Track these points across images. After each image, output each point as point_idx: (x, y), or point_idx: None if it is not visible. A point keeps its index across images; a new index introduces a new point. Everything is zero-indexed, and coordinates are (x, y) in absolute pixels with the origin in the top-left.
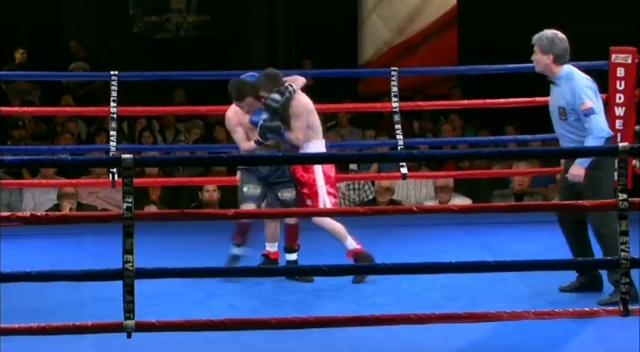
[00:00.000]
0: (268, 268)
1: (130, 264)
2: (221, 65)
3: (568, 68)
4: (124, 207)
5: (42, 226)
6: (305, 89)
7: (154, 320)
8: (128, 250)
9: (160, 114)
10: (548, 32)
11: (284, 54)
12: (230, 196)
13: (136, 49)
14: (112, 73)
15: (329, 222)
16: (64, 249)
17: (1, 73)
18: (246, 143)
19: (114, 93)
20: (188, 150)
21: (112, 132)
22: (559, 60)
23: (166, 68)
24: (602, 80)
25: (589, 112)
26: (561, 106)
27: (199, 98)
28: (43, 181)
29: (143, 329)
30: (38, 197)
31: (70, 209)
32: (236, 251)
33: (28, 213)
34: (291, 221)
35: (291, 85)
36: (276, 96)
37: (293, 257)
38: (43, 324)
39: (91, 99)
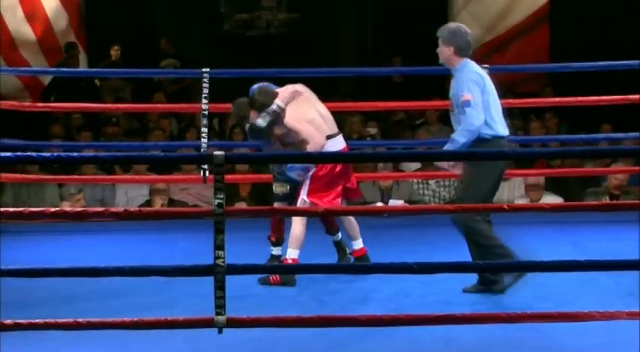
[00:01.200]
0: (369, 265)
1: (222, 260)
2: (311, 62)
3: (465, 61)
4: (216, 204)
5: (134, 222)
6: (394, 86)
7: (244, 316)
8: (219, 246)
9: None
10: (452, 24)
11: (373, 51)
12: None
13: (227, 46)
14: (203, 70)
15: (296, 224)
16: (155, 245)
17: (97, 70)
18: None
19: (205, 90)
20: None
21: (203, 129)
22: (460, 52)
23: (256, 65)
24: None
25: (465, 105)
26: (450, 98)
27: None
28: (136, 177)
29: (234, 324)
30: (130, 193)
31: (162, 205)
32: (275, 251)
33: (121, 209)
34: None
35: (278, 104)
36: (260, 121)
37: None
38: (136, 319)
39: (182, 96)
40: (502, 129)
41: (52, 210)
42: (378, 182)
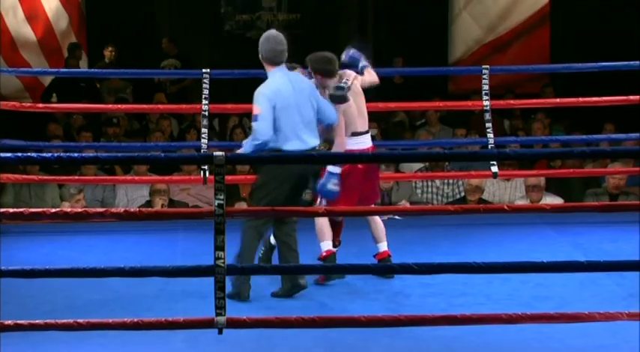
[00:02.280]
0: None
1: (222, 261)
2: None
3: (274, 72)
4: (216, 204)
5: (134, 222)
6: (395, 87)
7: (245, 317)
8: (220, 247)
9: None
10: (266, 32)
11: (374, 52)
12: None
13: (227, 46)
14: (203, 70)
15: (319, 222)
16: (155, 245)
17: (96, 70)
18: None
19: (206, 91)
20: None
21: (204, 130)
22: (268, 60)
23: (257, 66)
24: None
25: (254, 118)
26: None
27: None
28: (136, 178)
29: (234, 325)
30: (131, 193)
31: (162, 205)
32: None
33: (122, 209)
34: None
35: (347, 80)
36: (344, 84)
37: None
38: (136, 319)
39: (183, 96)
40: (293, 143)
41: (53, 210)
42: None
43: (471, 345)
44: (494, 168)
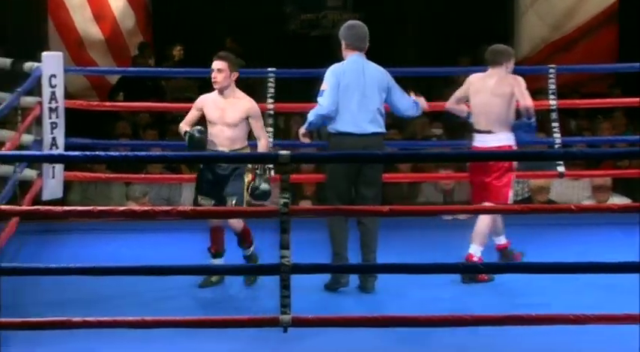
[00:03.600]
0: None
1: (287, 259)
2: (376, 62)
3: (351, 56)
4: (281, 203)
5: (200, 221)
6: (454, 87)
7: (309, 316)
8: (284, 245)
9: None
10: (349, 21)
11: (438, 50)
12: (384, 191)
13: (291, 45)
14: (269, 69)
15: (483, 220)
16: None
17: (162, 69)
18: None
19: (271, 90)
20: None
21: (269, 128)
22: (350, 46)
23: (321, 65)
24: None
25: (320, 93)
26: None
27: None
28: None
29: (299, 324)
30: (187, 192)
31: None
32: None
33: (188, 208)
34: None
35: None
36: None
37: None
38: (202, 317)
39: (246, 94)
40: (346, 126)
41: (121, 208)
42: (439, 183)
43: (537, 346)
44: (561, 168)
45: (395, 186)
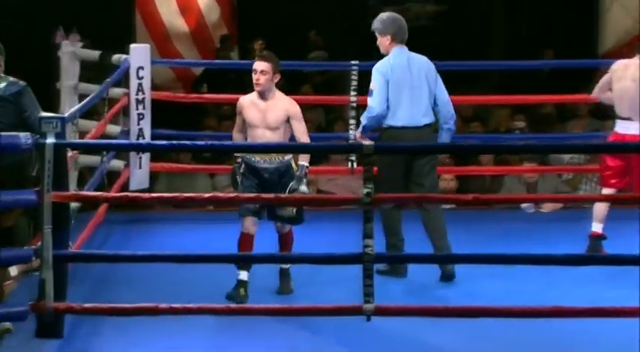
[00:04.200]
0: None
1: (370, 249)
2: (460, 55)
3: (395, 49)
4: (364, 193)
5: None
6: (544, 79)
7: (392, 305)
8: (368, 235)
9: None
10: (387, 13)
11: (524, 43)
12: (466, 184)
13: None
14: (352, 62)
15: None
16: (303, 233)
17: (245, 61)
18: None
19: (354, 83)
20: None
21: (351, 121)
22: (395, 38)
23: None
24: None
25: (370, 93)
26: None
27: None
28: None
29: (382, 313)
30: None
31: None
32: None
33: (272, 196)
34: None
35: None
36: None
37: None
38: (287, 306)
39: (328, 87)
40: (401, 120)
41: (206, 195)
42: (523, 176)
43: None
44: None
45: (478, 179)
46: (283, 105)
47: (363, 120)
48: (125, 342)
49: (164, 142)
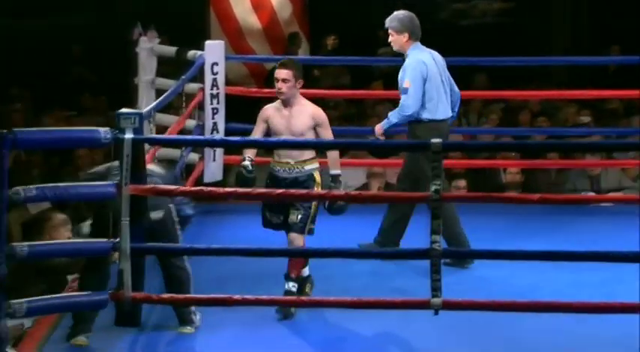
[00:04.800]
0: None
1: (437, 244)
2: (523, 51)
3: (415, 46)
4: (433, 189)
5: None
6: (610, 74)
7: (460, 299)
8: (435, 230)
9: (464, 97)
10: (403, 12)
11: (589, 40)
12: (532, 178)
13: (442, 34)
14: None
15: None
16: (369, 227)
17: (317, 57)
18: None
19: None
20: (491, 134)
21: None
22: (414, 36)
23: (470, 54)
24: None
25: (404, 91)
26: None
27: (500, 82)
28: (354, 161)
29: (449, 307)
30: (349, 176)
31: (379, 188)
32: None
33: (342, 191)
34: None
35: None
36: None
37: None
38: (355, 298)
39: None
40: (443, 112)
41: (278, 191)
42: (587, 170)
43: None
44: None
45: (543, 172)
46: (309, 112)
47: (394, 117)
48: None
49: (237, 138)
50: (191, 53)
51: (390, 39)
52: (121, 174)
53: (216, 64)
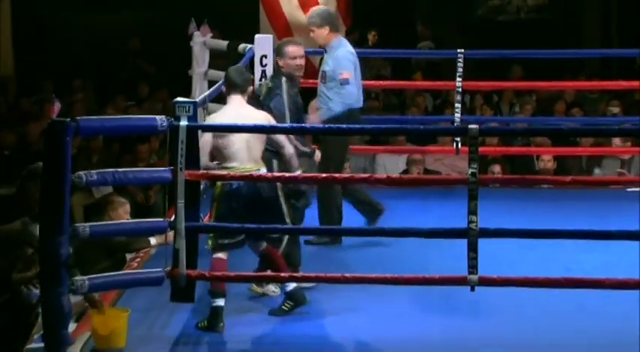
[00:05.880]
0: None
1: (474, 224)
2: (558, 45)
3: (339, 39)
4: (470, 173)
5: (392, 189)
6: (632, 69)
7: (496, 276)
8: (473, 211)
9: (501, 88)
10: (323, 8)
11: (619, 35)
12: (563, 165)
13: (478, 30)
14: (458, 51)
15: None
16: (411, 210)
17: (359, 50)
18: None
19: (460, 70)
20: (525, 123)
21: (457, 105)
22: (335, 30)
23: (506, 48)
24: None
25: (345, 81)
26: (324, 71)
27: (534, 74)
28: (395, 148)
29: (486, 283)
30: (388, 163)
31: (418, 174)
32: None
33: (385, 176)
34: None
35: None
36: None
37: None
38: (398, 275)
39: (435, 74)
40: (360, 101)
41: (323, 175)
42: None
43: None
44: None
45: (574, 159)
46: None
47: (337, 107)
48: None
49: (285, 125)
50: (241, 46)
51: (312, 34)
52: (177, 160)
53: (265, 56)
